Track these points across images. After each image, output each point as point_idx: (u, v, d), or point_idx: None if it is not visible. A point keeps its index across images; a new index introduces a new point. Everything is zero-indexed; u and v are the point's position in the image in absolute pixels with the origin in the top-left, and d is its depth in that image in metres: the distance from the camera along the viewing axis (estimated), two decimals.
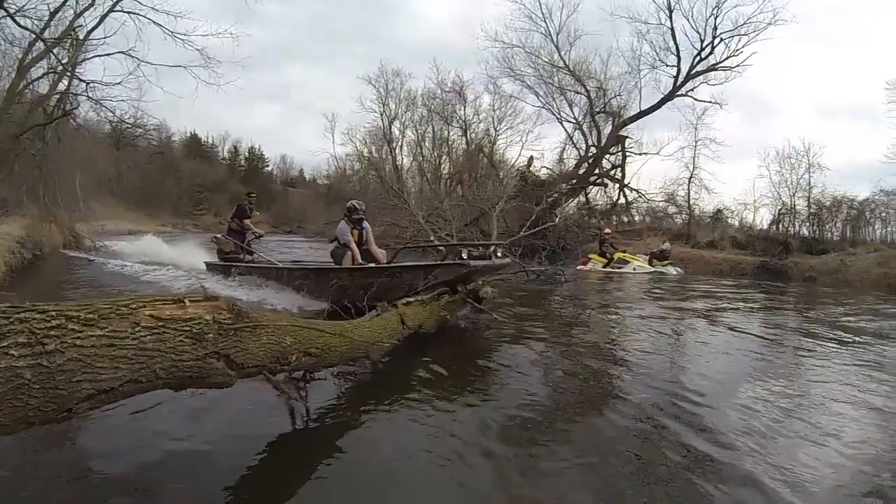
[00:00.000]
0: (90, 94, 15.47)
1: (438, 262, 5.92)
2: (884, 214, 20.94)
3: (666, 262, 16.25)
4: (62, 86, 15.84)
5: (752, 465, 2.73)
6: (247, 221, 9.46)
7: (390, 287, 5.80)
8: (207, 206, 46.91)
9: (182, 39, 15.69)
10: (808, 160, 20.75)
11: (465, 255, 5.79)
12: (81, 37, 15.19)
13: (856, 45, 37.93)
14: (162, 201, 43.11)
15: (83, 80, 15.49)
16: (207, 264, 9.59)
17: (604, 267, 16.26)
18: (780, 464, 2.75)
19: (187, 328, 2.14)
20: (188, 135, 53.53)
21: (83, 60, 15.77)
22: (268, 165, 60.40)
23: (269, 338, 2.57)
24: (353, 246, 6.86)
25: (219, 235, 9.79)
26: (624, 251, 17.01)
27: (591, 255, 17.18)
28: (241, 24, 31.56)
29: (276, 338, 2.62)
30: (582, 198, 25.00)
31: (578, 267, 16.49)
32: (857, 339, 6.26)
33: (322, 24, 72.73)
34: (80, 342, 1.76)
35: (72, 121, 16.86)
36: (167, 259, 11.74)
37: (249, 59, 29.19)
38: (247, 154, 58.54)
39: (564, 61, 24.55)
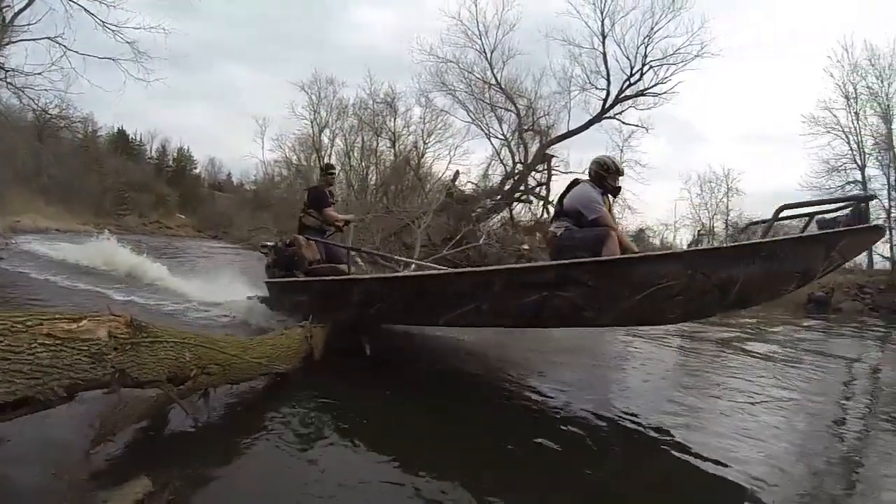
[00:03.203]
0: (11, 81, 14.83)
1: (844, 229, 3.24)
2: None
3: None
4: None
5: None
6: (329, 211, 6.33)
7: (765, 279, 3.39)
8: (131, 206, 44.98)
9: (113, 30, 15.24)
10: (728, 184, 22.74)
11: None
12: (7, 19, 14.56)
13: (777, 77, 40.68)
14: (84, 199, 40.99)
15: (3, 68, 14.87)
16: (272, 284, 6.35)
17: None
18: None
19: (84, 346, 2.23)
20: (115, 130, 51.41)
21: (7, 43, 15.13)
22: (196, 167, 58.59)
23: (166, 353, 2.65)
24: (610, 220, 4.35)
25: (268, 242, 7.00)
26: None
27: None
28: (178, 20, 30.50)
29: (174, 353, 2.71)
30: (506, 214, 25.44)
31: None
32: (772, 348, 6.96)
33: (261, 25, 71.48)
34: None
35: None
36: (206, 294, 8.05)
37: (183, 56, 28.41)
38: (175, 154, 56.65)
39: (496, 79, 25.13)
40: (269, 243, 6.80)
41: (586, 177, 4.48)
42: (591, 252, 3.78)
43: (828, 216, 3.38)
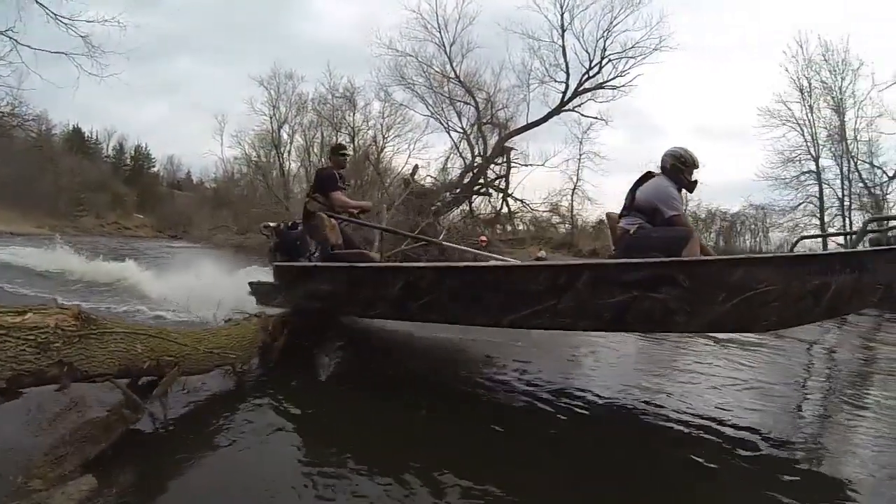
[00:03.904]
0: None
1: None
2: (753, 226, 23.85)
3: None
4: None
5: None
6: (338, 195, 5.51)
7: (854, 289, 3.37)
8: (88, 207, 43.77)
9: (66, 24, 14.70)
10: None
11: None
12: None
13: (734, 72, 41.68)
14: (38, 200, 39.67)
15: None
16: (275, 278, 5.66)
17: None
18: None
19: (31, 337, 2.22)
20: (70, 128, 49.91)
21: None
22: (154, 166, 57.34)
23: (117, 345, 2.63)
24: (688, 220, 4.24)
25: (271, 223, 6.30)
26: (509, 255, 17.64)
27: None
28: (132, 12, 29.54)
29: (125, 345, 2.68)
30: (466, 207, 25.73)
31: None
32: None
33: (218, 17, 69.94)
34: None
35: None
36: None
37: (138, 50, 27.47)
38: (133, 153, 55.34)
39: (456, 72, 25.35)
40: (271, 224, 6.23)
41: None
42: (669, 253, 3.55)
43: None
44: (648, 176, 4.05)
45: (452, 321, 4.33)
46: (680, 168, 3.95)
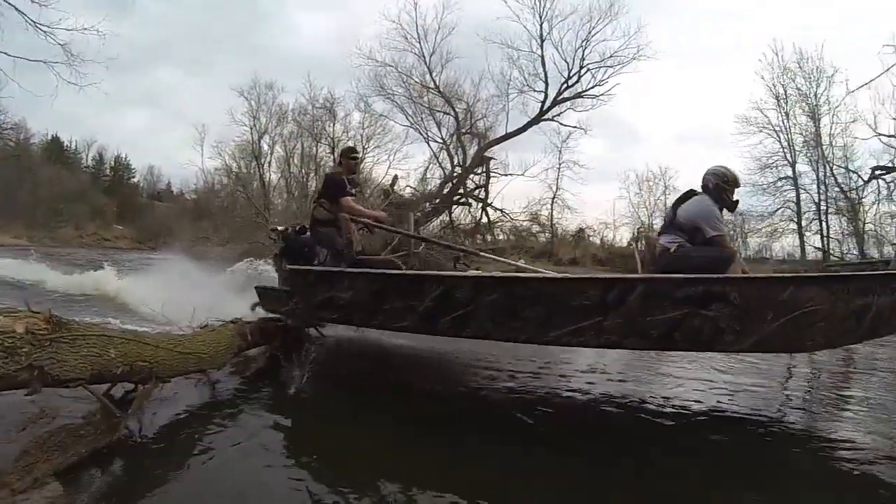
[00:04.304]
0: None
1: None
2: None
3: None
4: None
5: None
6: (348, 201, 5.20)
7: (893, 310, 3.38)
8: (67, 217, 43.13)
9: (45, 31, 14.52)
10: (665, 183, 23.94)
11: None
12: None
13: (712, 80, 42.37)
14: (16, 210, 39.04)
15: None
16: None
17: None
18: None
19: None
20: (49, 138, 49.20)
21: None
22: (134, 176, 56.69)
23: (89, 349, 2.62)
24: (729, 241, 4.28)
25: (279, 226, 5.89)
26: (478, 268, 17.64)
27: None
28: (112, 21, 29.30)
29: (97, 350, 2.67)
30: (446, 217, 25.58)
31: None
32: None
33: (199, 28, 69.32)
34: None
35: None
36: None
37: (119, 59, 27.14)
38: (112, 163, 54.71)
39: (435, 82, 25.27)
40: (279, 227, 5.83)
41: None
42: (710, 273, 3.47)
43: None
44: (690, 194, 4.01)
45: (485, 337, 3.99)
46: (723, 187, 3.91)
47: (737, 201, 4.04)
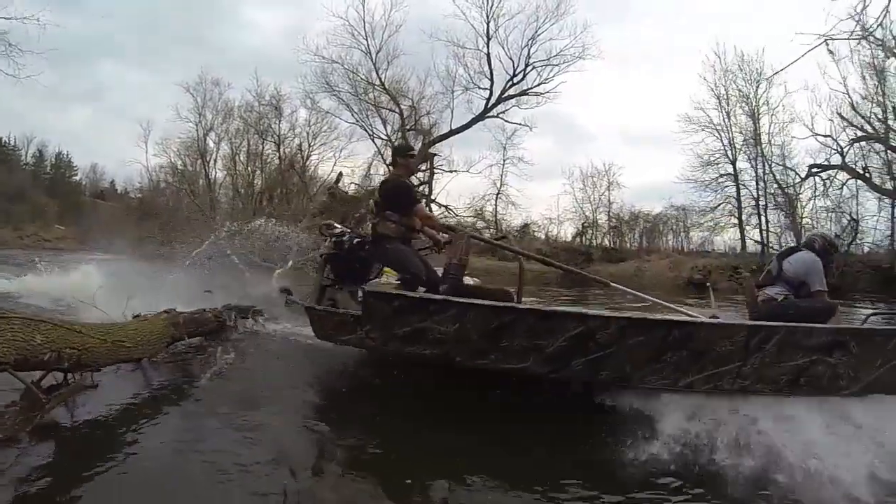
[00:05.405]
0: None
1: None
2: (675, 226, 25.36)
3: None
4: None
5: None
6: (422, 209, 4.75)
7: None
8: (4, 218, 41.39)
9: None
10: (609, 179, 24.82)
11: None
12: None
13: (655, 80, 43.54)
14: None
15: None
16: None
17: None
18: None
19: None
20: None
21: None
22: (76, 174, 54.66)
23: (14, 334, 2.65)
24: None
25: (336, 224, 5.22)
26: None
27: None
28: (54, 11, 28.03)
29: (23, 335, 2.70)
30: None
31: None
32: None
33: (145, 21, 67.07)
34: None
35: None
36: None
37: (58, 50, 26.16)
38: (53, 160, 52.61)
39: (381, 79, 25.41)
40: (337, 226, 5.09)
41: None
42: (812, 323, 3.74)
43: None
44: (798, 249, 4.41)
45: (622, 380, 3.69)
46: (830, 252, 4.38)
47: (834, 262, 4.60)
